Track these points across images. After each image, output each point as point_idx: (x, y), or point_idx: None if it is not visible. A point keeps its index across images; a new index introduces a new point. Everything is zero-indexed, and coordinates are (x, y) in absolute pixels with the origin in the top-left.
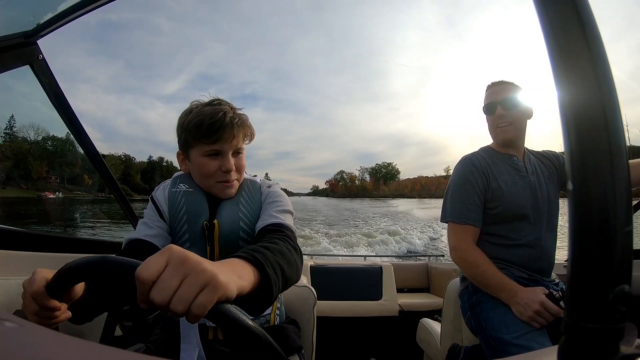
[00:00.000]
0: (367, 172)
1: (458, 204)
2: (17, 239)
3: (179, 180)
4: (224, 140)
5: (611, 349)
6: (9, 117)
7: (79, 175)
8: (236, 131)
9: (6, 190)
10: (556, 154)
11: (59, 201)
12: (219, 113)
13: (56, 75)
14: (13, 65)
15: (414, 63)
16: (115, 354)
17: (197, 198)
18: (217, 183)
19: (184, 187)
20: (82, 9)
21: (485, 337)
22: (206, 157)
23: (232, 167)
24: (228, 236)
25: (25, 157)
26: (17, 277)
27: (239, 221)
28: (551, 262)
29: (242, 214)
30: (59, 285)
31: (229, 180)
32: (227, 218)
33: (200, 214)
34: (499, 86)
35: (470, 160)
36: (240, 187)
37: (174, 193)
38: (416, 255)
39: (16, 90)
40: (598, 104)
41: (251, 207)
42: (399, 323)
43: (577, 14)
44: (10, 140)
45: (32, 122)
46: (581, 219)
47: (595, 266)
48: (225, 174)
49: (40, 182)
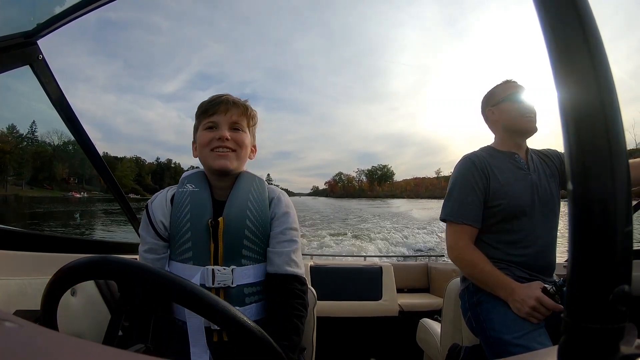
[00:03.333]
0: (363, 174)
1: (456, 203)
2: (17, 239)
3: (187, 180)
4: (219, 114)
5: (611, 349)
6: (30, 123)
7: (95, 177)
8: (230, 106)
9: (34, 190)
10: (558, 153)
11: (85, 200)
12: (219, 96)
13: (55, 75)
14: (13, 66)
15: (413, 62)
16: (115, 354)
17: (202, 197)
18: (211, 152)
19: (190, 187)
20: (82, 9)
21: (486, 337)
22: (205, 130)
23: (225, 135)
24: (233, 234)
25: (50, 161)
26: (17, 277)
27: (246, 219)
28: (552, 261)
29: (249, 212)
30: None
31: (221, 147)
32: (234, 215)
33: (204, 212)
34: (519, 85)
35: (470, 159)
36: (248, 182)
37: (181, 193)
38: (416, 256)
39: (14, 89)
40: (598, 104)
41: (259, 206)
42: (399, 323)
43: (577, 14)
44: (36, 145)
45: (55, 128)
46: (581, 219)
47: (595, 266)
48: (219, 141)
49: (62, 184)
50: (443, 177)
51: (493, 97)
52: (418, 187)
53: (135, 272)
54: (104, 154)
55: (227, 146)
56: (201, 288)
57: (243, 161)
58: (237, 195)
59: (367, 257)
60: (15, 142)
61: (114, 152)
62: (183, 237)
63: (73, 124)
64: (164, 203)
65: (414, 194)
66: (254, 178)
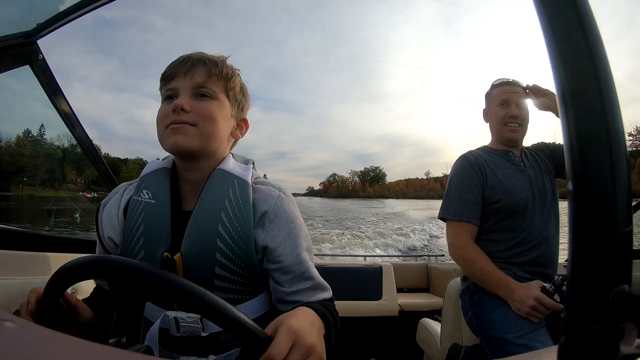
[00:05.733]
0: (356, 175)
1: (455, 201)
2: (17, 239)
3: (144, 185)
4: (178, 77)
5: (611, 349)
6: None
7: (100, 178)
8: (193, 66)
9: (45, 190)
10: (545, 143)
11: (95, 199)
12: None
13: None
14: (13, 65)
15: (410, 63)
16: (115, 354)
17: (159, 214)
18: (166, 129)
19: (146, 195)
20: (82, 9)
21: (487, 336)
22: (163, 104)
23: (181, 103)
24: (198, 271)
25: (60, 163)
26: (17, 277)
27: (215, 253)
28: (554, 259)
29: (221, 241)
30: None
31: (176, 121)
32: (196, 249)
33: (159, 241)
34: (513, 86)
35: (467, 158)
36: (223, 185)
37: (135, 203)
38: (416, 255)
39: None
40: (598, 104)
41: (236, 227)
42: (399, 323)
43: (577, 14)
44: (48, 148)
45: (64, 132)
46: (581, 218)
47: (596, 266)
48: (173, 114)
49: (70, 184)
50: (432, 178)
51: (487, 98)
52: (407, 187)
53: (136, 272)
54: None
55: (183, 120)
56: (209, 293)
57: (212, 139)
58: (202, 213)
59: (367, 257)
60: (31, 146)
61: (112, 151)
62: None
63: (73, 124)
64: (115, 216)
65: (401, 194)
66: (234, 178)
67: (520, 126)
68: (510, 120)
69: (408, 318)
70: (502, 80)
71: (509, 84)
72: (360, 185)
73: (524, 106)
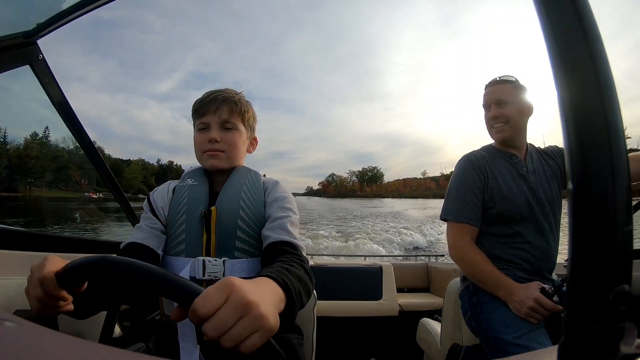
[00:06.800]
0: (355, 175)
1: (456, 202)
2: (17, 239)
3: (188, 176)
4: (209, 114)
5: (611, 349)
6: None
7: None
8: (219, 104)
9: (52, 191)
10: (559, 149)
11: (101, 199)
12: (210, 94)
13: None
14: (13, 65)
15: (409, 62)
16: (115, 354)
17: (200, 189)
18: (204, 154)
19: (190, 181)
20: (82, 9)
21: (486, 337)
22: (198, 132)
23: (214, 136)
24: (226, 224)
25: (66, 165)
26: (17, 277)
27: (239, 209)
28: (553, 262)
29: (242, 203)
30: (71, 277)
31: (211, 149)
32: (227, 205)
33: (199, 203)
34: (496, 85)
35: (469, 159)
36: (242, 175)
37: (181, 187)
38: (416, 255)
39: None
40: (598, 104)
41: (253, 197)
42: (399, 323)
43: (577, 14)
44: (54, 150)
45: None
46: (581, 218)
47: (596, 266)
48: (209, 143)
49: (75, 185)
50: (429, 178)
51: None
52: (404, 187)
53: (136, 272)
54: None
55: (216, 149)
56: (150, 265)
57: (236, 159)
58: (230, 186)
59: (367, 257)
60: (39, 148)
61: (111, 152)
62: (178, 229)
63: (74, 124)
64: (166, 192)
65: (397, 194)
66: (249, 171)
67: (506, 124)
68: (493, 122)
69: (408, 318)
70: (489, 82)
71: (490, 84)
72: (359, 185)
73: (506, 102)
